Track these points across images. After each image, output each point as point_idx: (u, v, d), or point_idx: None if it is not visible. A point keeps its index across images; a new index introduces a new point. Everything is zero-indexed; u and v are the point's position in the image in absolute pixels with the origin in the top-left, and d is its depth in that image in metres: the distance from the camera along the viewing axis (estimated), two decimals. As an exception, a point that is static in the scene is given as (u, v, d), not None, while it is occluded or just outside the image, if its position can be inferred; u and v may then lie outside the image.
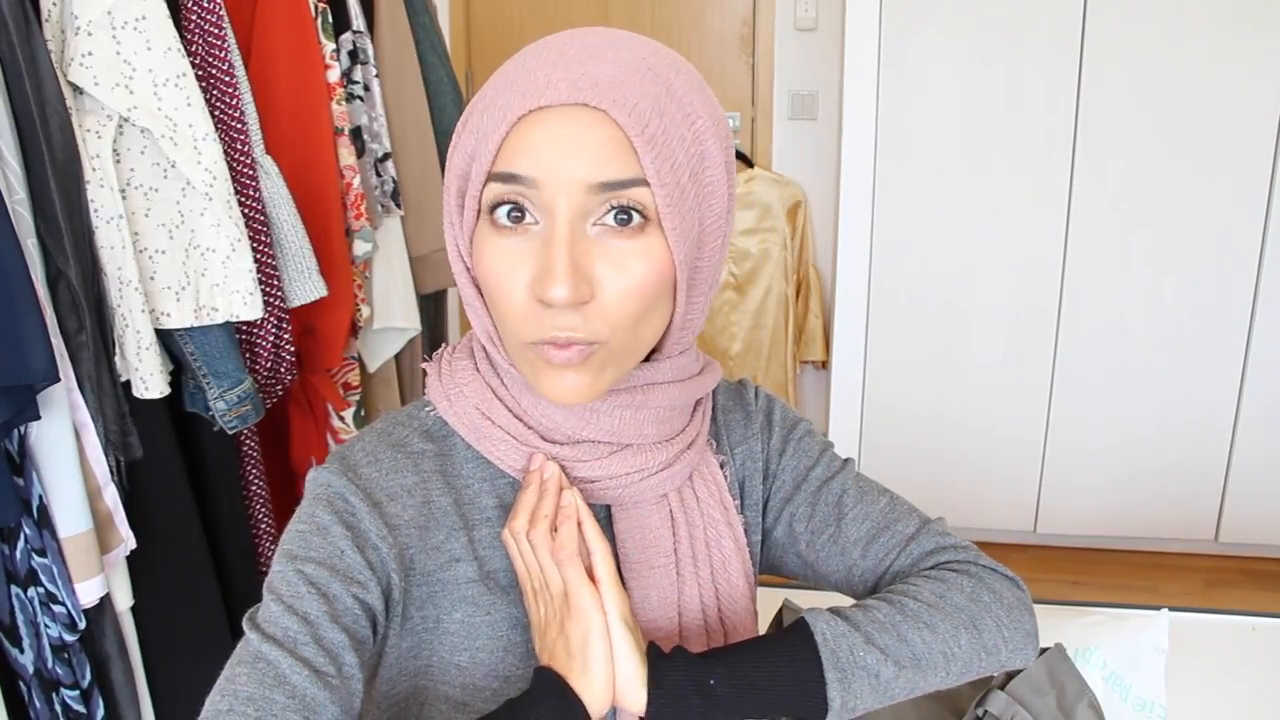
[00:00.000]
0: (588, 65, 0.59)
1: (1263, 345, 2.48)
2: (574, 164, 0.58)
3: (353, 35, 1.65)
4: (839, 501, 0.76)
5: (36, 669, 1.18)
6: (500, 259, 0.61)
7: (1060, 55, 2.39)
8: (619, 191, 0.59)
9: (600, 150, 0.58)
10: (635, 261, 0.60)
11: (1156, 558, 2.68)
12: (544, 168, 0.58)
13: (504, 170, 0.59)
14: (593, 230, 0.60)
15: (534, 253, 0.60)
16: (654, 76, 0.60)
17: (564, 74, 0.59)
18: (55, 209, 1.13)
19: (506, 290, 0.61)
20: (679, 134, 0.60)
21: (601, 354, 0.62)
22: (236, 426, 1.38)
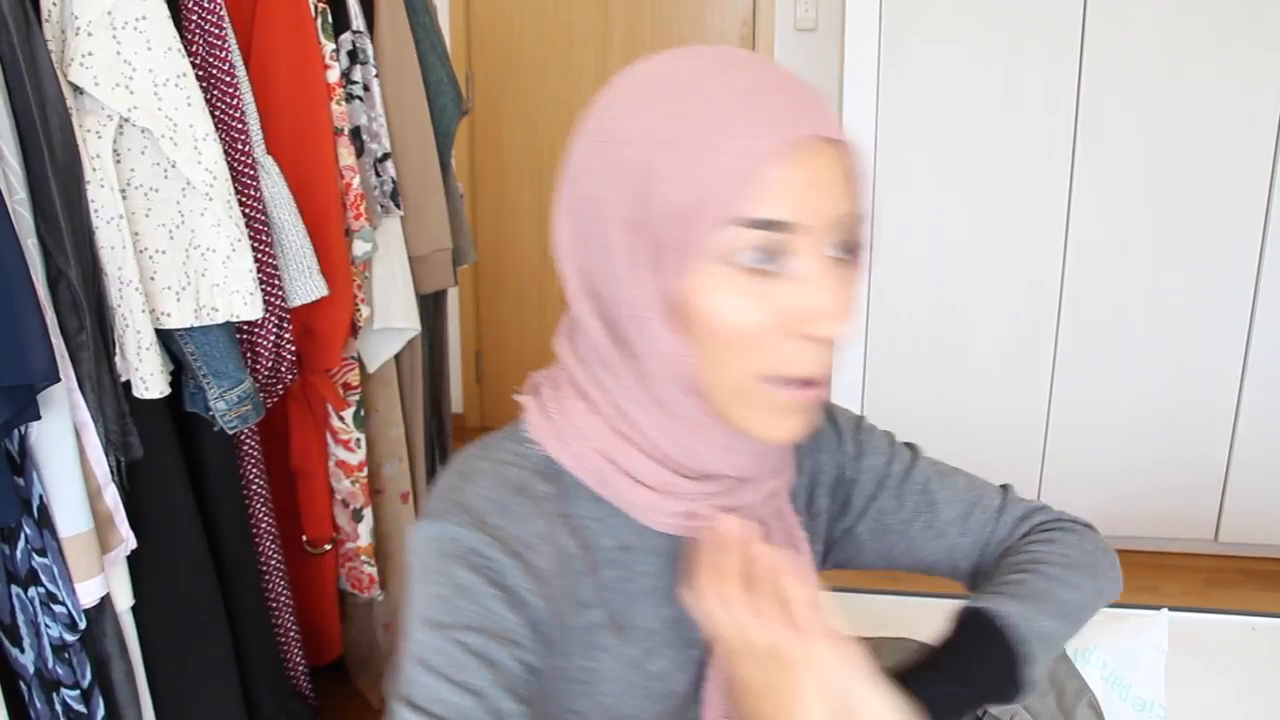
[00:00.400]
0: (809, 92, 0.58)
1: (1262, 345, 2.48)
2: (828, 202, 0.56)
3: (352, 35, 1.65)
4: (925, 489, 0.78)
5: (37, 669, 1.19)
6: (749, 301, 0.56)
7: (1060, 55, 2.39)
8: (855, 226, 0.59)
9: (844, 186, 0.58)
10: (856, 285, 0.60)
11: (1156, 557, 2.68)
12: (804, 210, 0.56)
13: (760, 217, 0.55)
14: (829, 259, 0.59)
15: (786, 290, 0.56)
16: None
17: (802, 105, 0.57)
18: (55, 209, 1.13)
19: (751, 330, 0.57)
20: None
21: (822, 393, 0.61)
22: (237, 426, 1.38)
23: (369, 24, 1.72)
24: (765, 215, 0.55)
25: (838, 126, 0.57)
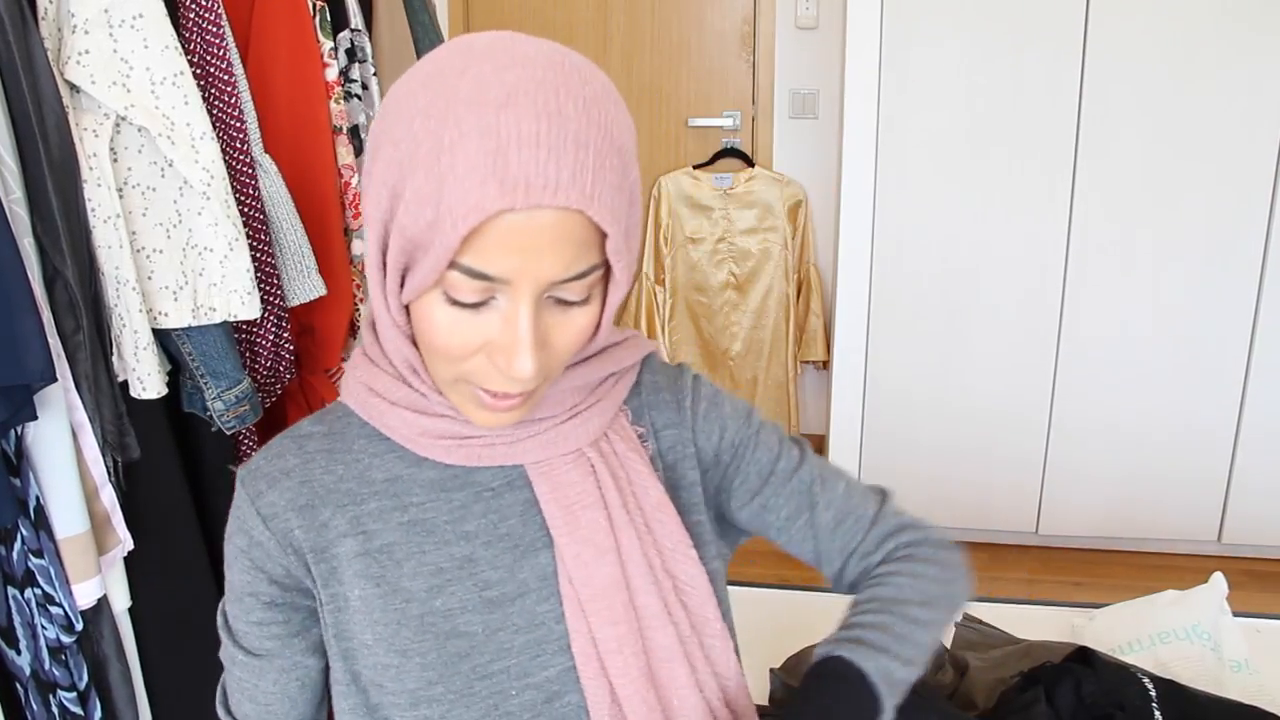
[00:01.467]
0: (557, 149, 0.56)
1: (1266, 344, 2.48)
2: (546, 265, 0.58)
3: (351, 33, 1.64)
4: (809, 490, 0.79)
5: (33, 671, 1.18)
6: (455, 325, 0.61)
7: (1062, 54, 2.38)
8: (579, 281, 0.60)
9: (571, 249, 0.58)
10: (583, 315, 0.63)
11: (1159, 559, 2.67)
12: (514, 270, 0.58)
13: (475, 268, 0.58)
14: (546, 300, 0.61)
15: (490, 323, 0.61)
16: (611, 142, 0.59)
17: (542, 169, 0.56)
18: (52, 208, 1.12)
19: (457, 349, 0.62)
20: (629, 195, 0.61)
21: (541, 389, 0.65)
22: (235, 427, 1.38)
23: (367, 22, 1.71)
24: (480, 269, 0.58)
25: (576, 194, 0.56)
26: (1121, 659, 1.26)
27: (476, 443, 0.69)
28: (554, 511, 0.70)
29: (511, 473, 0.72)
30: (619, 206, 0.60)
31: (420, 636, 0.69)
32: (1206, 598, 1.35)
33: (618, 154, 0.59)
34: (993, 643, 1.41)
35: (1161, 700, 1.12)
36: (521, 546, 0.71)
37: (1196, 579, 1.47)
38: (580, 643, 0.69)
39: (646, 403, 0.77)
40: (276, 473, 0.72)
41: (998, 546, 2.74)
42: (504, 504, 0.72)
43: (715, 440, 0.78)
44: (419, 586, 0.70)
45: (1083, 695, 1.13)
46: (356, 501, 0.71)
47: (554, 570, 0.71)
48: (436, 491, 0.71)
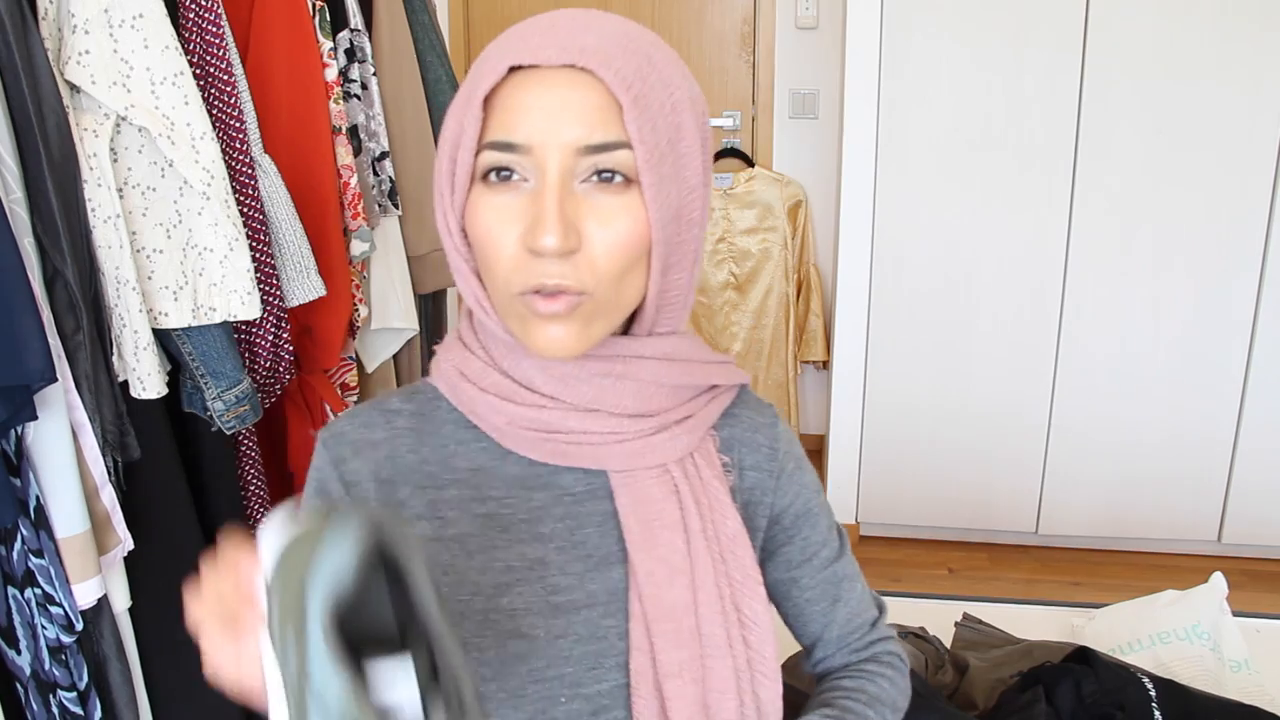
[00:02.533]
0: (576, 33, 0.62)
1: (1266, 345, 2.48)
2: (564, 128, 0.61)
3: (350, 33, 1.64)
4: (838, 584, 0.81)
5: (33, 671, 1.18)
6: (493, 214, 0.63)
7: (1062, 53, 2.38)
8: (605, 154, 0.62)
9: (588, 114, 0.61)
10: (619, 217, 0.63)
11: (1158, 559, 2.67)
12: (536, 133, 0.61)
13: (497, 139, 0.62)
14: (580, 187, 0.63)
15: (525, 207, 0.62)
16: (636, 48, 0.64)
17: (554, 39, 0.62)
18: (52, 208, 1.12)
19: (498, 243, 0.63)
20: (659, 101, 0.63)
21: (589, 306, 0.64)
22: (235, 427, 1.38)
23: (367, 22, 1.71)
24: (505, 138, 0.62)
25: (582, 55, 0.61)
26: (1121, 659, 1.26)
27: (562, 438, 0.69)
28: (633, 526, 0.69)
29: (595, 482, 0.71)
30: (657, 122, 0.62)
31: (482, 632, 0.68)
32: (1206, 598, 1.35)
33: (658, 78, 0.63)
34: (993, 643, 1.41)
35: (1161, 700, 1.12)
36: (595, 558, 0.71)
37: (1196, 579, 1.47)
38: (639, 661, 0.69)
39: (738, 437, 0.77)
40: (363, 442, 0.71)
41: (998, 546, 2.74)
42: (583, 512, 0.71)
43: (788, 502, 0.78)
44: (487, 582, 0.69)
45: (1083, 695, 1.13)
46: (437, 486, 0.71)
47: (625, 586, 0.70)
48: (518, 488, 0.71)
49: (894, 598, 1.29)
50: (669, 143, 0.64)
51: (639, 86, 0.62)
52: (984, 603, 1.57)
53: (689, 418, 0.72)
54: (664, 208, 0.64)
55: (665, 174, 0.64)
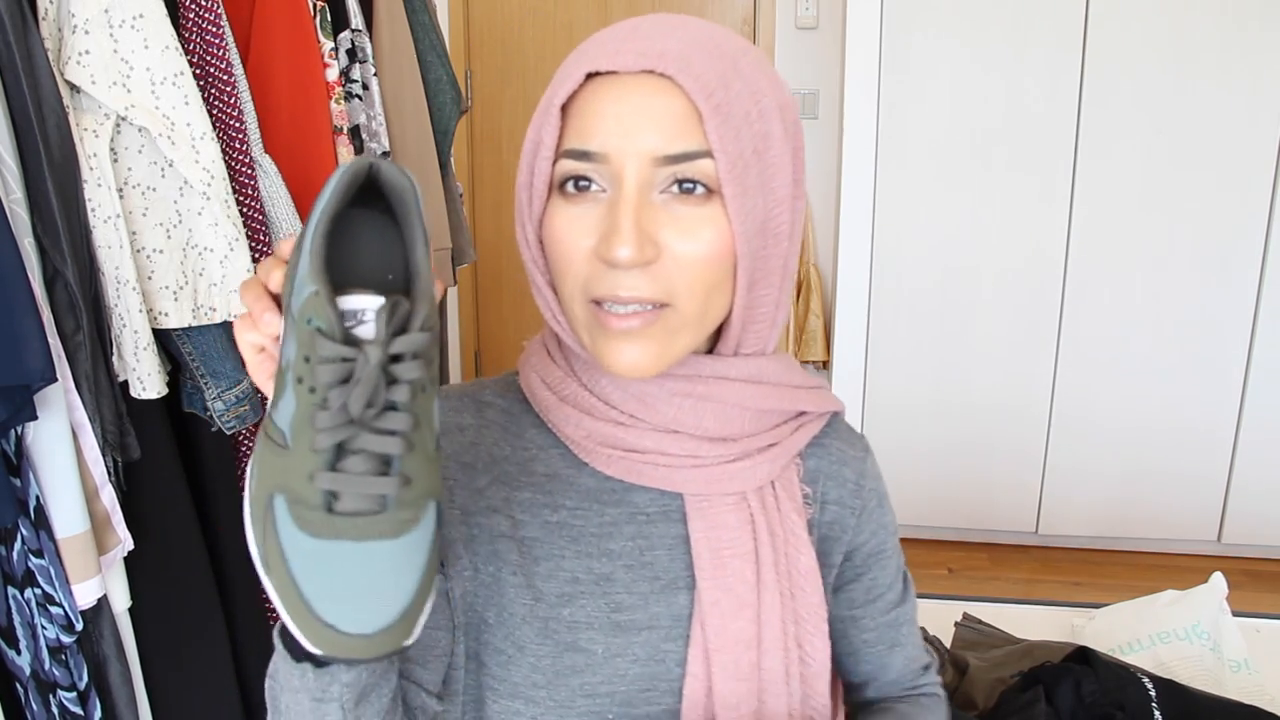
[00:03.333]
0: (656, 39, 0.61)
1: (1266, 345, 2.48)
2: (642, 136, 0.59)
3: (351, 34, 1.64)
4: (898, 628, 0.79)
5: (33, 671, 1.18)
6: (568, 224, 0.62)
7: (1062, 53, 2.38)
8: (684, 164, 0.60)
9: (667, 123, 0.59)
10: (701, 228, 0.61)
11: (1158, 559, 2.67)
12: (612, 142, 0.60)
13: (573, 147, 0.61)
14: (659, 198, 0.61)
15: (601, 218, 0.61)
16: (721, 53, 0.61)
17: (632, 45, 0.60)
18: (52, 208, 1.12)
19: (571, 253, 0.62)
20: (743, 108, 0.61)
21: (671, 319, 0.62)
22: (235, 427, 1.38)
23: (368, 22, 1.71)
24: (581, 146, 0.60)
25: (661, 61, 0.59)
26: (1121, 659, 1.26)
27: (638, 457, 0.67)
28: (703, 552, 0.68)
29: (669, 504, 0.70)
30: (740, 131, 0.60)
31: (541, 639, 0.67)
32: (1206, 598, 1.35)
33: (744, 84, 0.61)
34: (993, 643, 1.41)
35: (1161, 700, 1.12)
36: (663, 580, 0.69)
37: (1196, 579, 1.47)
38: (694, 689, 0.67)
39: (824, 469, 0.75)
40: (451, 425, 0.70)
41: (998, 546, 2.74)
42: (655, 532, 0.69)
43: (864, 539, 0.76)
44: (551, 590, 0.68)
45: (1083, 695, 1.13)
46: (513, 486, 0.69)
47: (689, 614, 0.68)
48: (591, 501, 0.69)
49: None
50: (754, 152, 0.62)
51: (721, 94, 0.60)
52: (984, 603, 1.57)
53: (773, 445, 0.70)
54: (748, 220, 0.62)
55: (750, 185, 0.61)
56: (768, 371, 0.69)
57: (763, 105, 0.62)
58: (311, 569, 0.48)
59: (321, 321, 0.49)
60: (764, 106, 0.62)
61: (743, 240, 0.62)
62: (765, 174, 0.63)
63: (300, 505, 0.48)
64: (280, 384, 0.51)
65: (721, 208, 0.61)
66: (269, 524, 0.49)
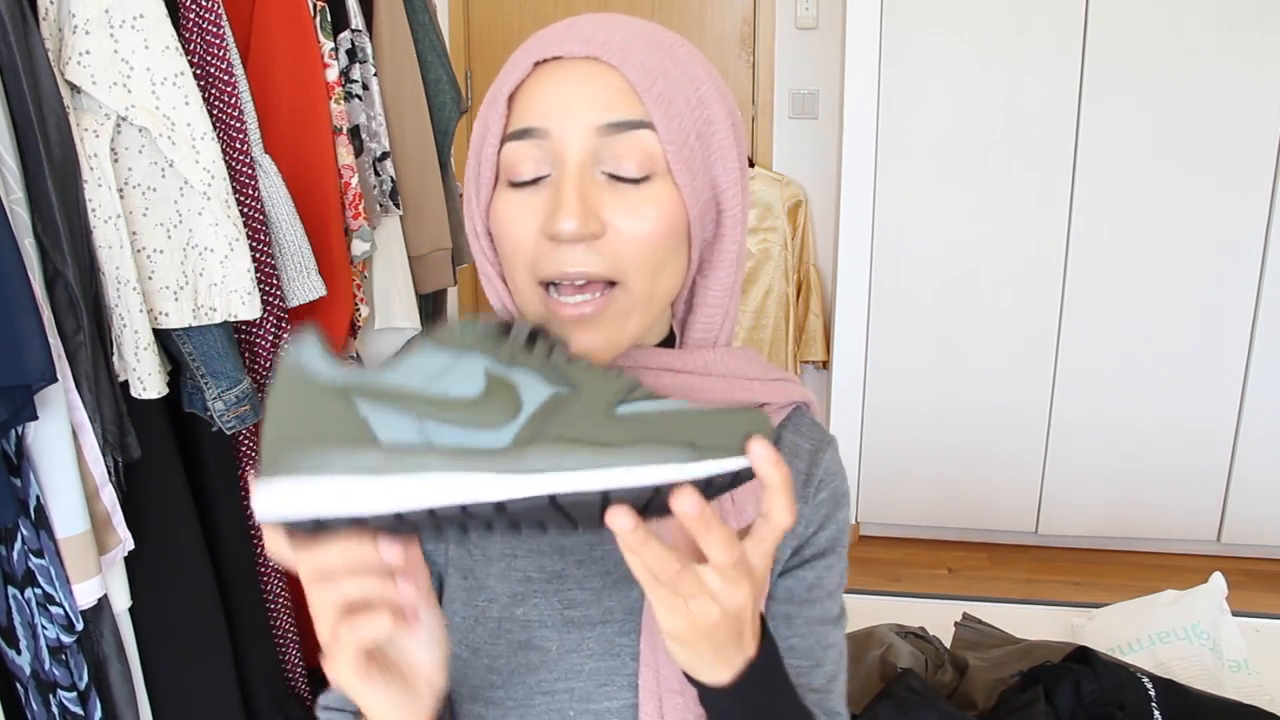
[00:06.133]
0: (599, 30, 0.62)
1: (1265, 346, 2.48)
2: (582, 110, 0.60)
3: (351, 34, 1.64)
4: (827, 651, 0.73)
5: (34, 670, 1.18)
6: (513, 208, 0.62)
7: (1062, 53, 2.38)
8: (626, 133, 0.60)
9: (607, 95, 0.60)
10: (646, 205, 0.61)
11: (1158, 559, 2.67)
12: (553, 116, 0.60)
13: (516, 128, 0.62)
14: (601, 177, 0.61)
15: (546, 199, 0.61)
16: (658, 44, 0.64)
17: (577, 35, 0.62)
18: (53, 208, 1.13)
19: (519, 235, 0.62)
20: (683, 94, 0.62)
21: (620, 300, 0.62)
22: (235, 427, 1.38)
23: (368, 22, 1.71)
24: (522, 124, 0.61)
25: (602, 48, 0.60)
26: (1121, 659, 1.26)
27: None
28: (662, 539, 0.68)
29: None
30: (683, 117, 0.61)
31: (495, 639, 0.68)
32: (1206, 598, 1.35)
33: (682, 74, 0.63)
34: (993, 643, 1.41)
35: (1161, 700, 1.12)
36: (615, 574, 0.69)
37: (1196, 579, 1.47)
38: (647, 678, 0.67)
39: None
40: None
41: (998, 546, 2.74)
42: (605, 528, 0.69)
43: (815, 530, 0.72)
44: (503, 590, 0.68)
45: (1082, 695, 1.13)
46: None
47: (641, 606, 0.68)
48: None
49: (894, 598, 1.30)
50: (698, 136, 0.63)
51: (661, 81, 0.61)
52: (984, 603, 1.57)
53: None
54: (699, 200, 0.63)
55: (696, 168, 0.63)
56: (719, 364, 0.69)
57: (702, 92, 0.64)
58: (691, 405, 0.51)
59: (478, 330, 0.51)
60: (703, 93, 0.64)
61: (696, 222, 0.63)
62: (710, 158, 0.64)
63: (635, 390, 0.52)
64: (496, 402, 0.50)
65: (665, 188, 0.62)
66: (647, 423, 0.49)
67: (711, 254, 0.67)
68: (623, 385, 0.52)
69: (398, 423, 0.49)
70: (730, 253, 0.67)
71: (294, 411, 0.50)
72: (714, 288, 0.68)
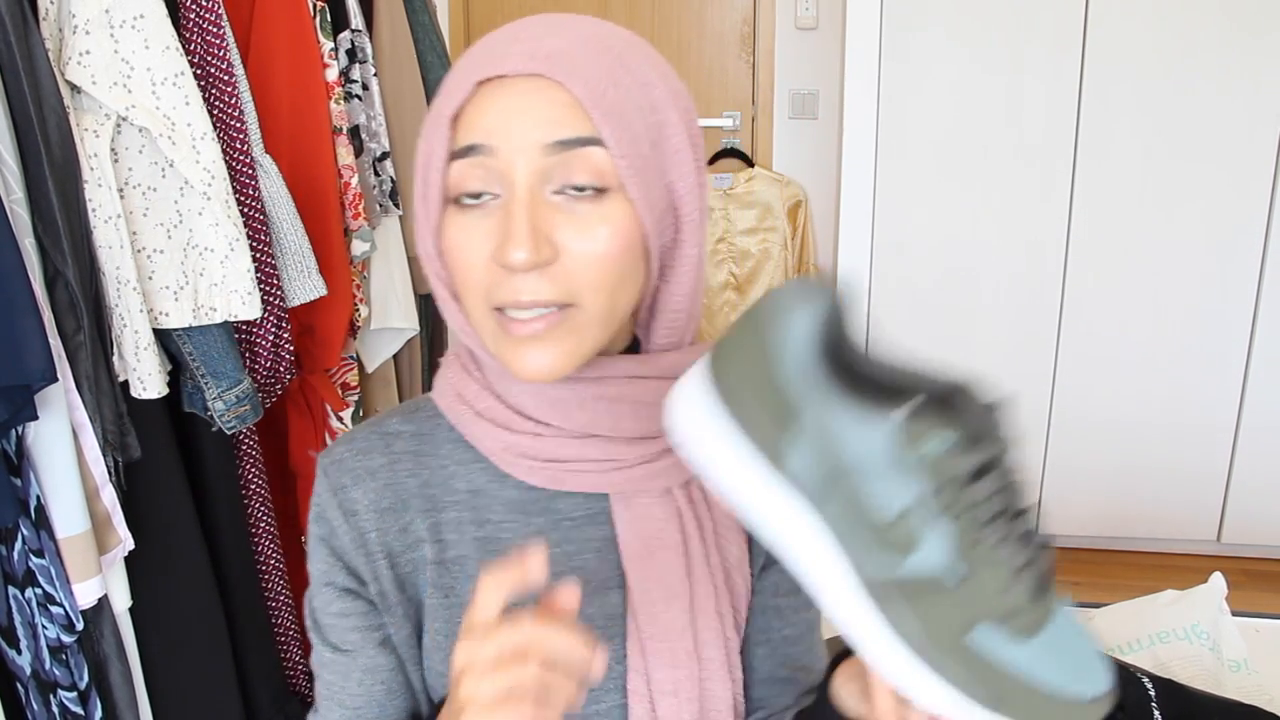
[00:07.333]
0: (542, 39, 0.60)
1: (1265, 345, 2.48)
2: (528, 127, 0.58)
3: (351, 34, 1.64)
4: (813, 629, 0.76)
5: (34, 670, 1.18)
6: (462, 233, 0.61)
7: (1062, 54, 2.38)
8: (575, 150, 0.58)
9: (554, 112, 0.58)
10: (600, 225, 0.60)
11: (1158, 558, 2.67)
12: (498, 134, 0.59)
13: (461, 145, 0.60)
14: (553, 198, 0.59)
15: (496, 223, 0.59)
16: (606, 49, 0.61)
17: (518, 47, 0.59)
18: (53, 209, 1.13)
19: (469, 261, 0.61)
20: (635, 102, 0.60)
21: (576, 318, 0.61)
22: (235, 427, 1.38)
23: (368, 23, 1.71)
24: (468, 141, 0.59)
25: (548, 64, 0.58)
26: (1121, 659, 1.26)
27: (559, 466, 0.67)
28: (631, 543, 0.67)
29: (594, 507, 0.69)
30: (635, 127, 0.60)
31: None
32: (1205, 597, 1.35)
33: (633, 79, 0.61)
34: (992, 642, 1.41)
35: (1161, 700, 1.12)
36: (594, 583, 0.68)
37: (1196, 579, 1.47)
38: (635, 682, 0.67)
39: None
40: (361, 470, 0.69)
41: (997, 546, 2.74)
42: (583, 536, 0.69)
43: None
44: None
45: (1082, 695, 1.13)
46: (437, 509, 0.69)
47: (623, 611, 0.68)
48: (516, 512, 0.69)
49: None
50: (652, 145, 0.61)
51: (611, 92, 0.59)
52: (984, 603, 1.57)
53: None
54: (654, 211, 0.61)
55: (651, 179, 0.61)
56: (685, 365, 0.67)
57: (654, 96, 0.62)
58: (1051, 662, 0.49)
59: (938, 441, 0.48)
60: (655, 98, 0.62)
61: (653, 233, 0.62)
62: (665, 164, 0.62)
63: (1012, 618, 0.49)
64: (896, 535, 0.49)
65: (622, 201, 0.60)
66: (978, 666, 0.48)
67: (672, 259, 0.65)
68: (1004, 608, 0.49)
69: (807, 474, 0.50)
70: (691, 257, 0.65)
71: (753, 364, 0.52)
72: (676, 293, 0.66)
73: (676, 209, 0.64)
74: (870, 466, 0.49)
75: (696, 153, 0.64)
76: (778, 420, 0.51)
